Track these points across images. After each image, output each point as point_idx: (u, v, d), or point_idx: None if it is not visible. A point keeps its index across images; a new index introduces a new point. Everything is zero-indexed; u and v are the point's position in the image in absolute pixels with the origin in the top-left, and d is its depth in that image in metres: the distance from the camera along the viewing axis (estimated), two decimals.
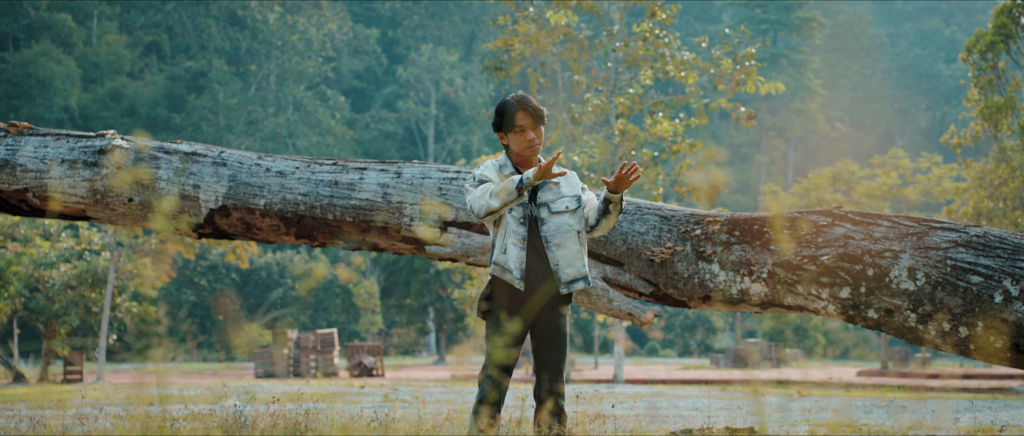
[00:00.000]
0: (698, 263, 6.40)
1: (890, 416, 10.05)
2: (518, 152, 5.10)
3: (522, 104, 5.05)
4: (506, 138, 5.11)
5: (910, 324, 5.87)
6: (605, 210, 5.05)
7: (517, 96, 5.10)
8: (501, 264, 5.02)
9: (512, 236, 5.02)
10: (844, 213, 6.20)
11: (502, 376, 4.88)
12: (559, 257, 5.04)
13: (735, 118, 23.23)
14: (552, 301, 5.02)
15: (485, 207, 4.93)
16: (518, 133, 5.06)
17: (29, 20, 59.13)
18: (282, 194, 6.81)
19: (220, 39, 65.19)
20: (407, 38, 74.72)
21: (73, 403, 10.77)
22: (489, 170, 5.10)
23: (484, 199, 4.93)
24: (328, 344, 29.29)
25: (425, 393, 14.91)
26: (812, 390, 18.58)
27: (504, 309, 4.96)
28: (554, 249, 5.03)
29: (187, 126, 60.15)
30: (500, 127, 5.10)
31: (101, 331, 26.24)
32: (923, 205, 38.41)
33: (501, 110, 5.09)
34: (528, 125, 5.06)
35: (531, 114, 5.05)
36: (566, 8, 23.30)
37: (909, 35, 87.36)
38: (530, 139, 5.06)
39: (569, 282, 5.04)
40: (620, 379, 22.75)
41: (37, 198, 6.97)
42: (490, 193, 4.92)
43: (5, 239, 26.50)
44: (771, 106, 77.97)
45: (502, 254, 5.03)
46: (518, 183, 4.86)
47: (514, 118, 5.05)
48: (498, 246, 5.05)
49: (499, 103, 5.14)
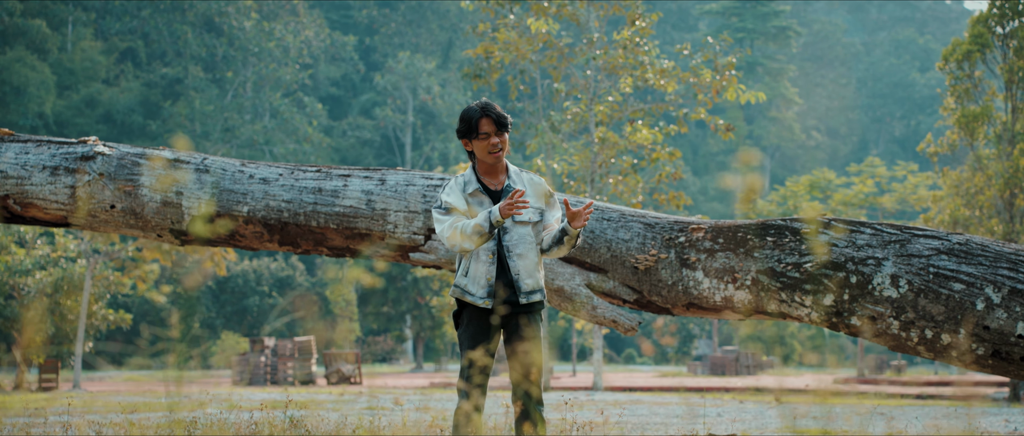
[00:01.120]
0: (682, 270, 6.41)
1: (871, 423, 10.10)
2: (482, 159, 5.12)
3: (486, 111, 5.09)
4: (470, 145, 5.13)
5: (893, 331, 5.90)
6: (560, 239, 5.09)
7: (481, 103, 5.15)
8: (461, 287, 5.08)
9: (482, 252, 5.06)
10: (828, 220, 6.23)
11: (478, 384, 4.94)
12: (520, 267, 5.07)
13: (714, 129, 23.30)
14: (517, 311, 5.06)
15: (458, 247, 4.99)
16: (482, 139, 5.07)
17: (3, 26, 58.67)
18: (266, 201, 6.78)
19: (196, 46, 64.90)
20: (384, 45, 74.63)
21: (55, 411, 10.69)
22: (453, 195, 5.11)
23: (457, 239, 4.97)
24: (306, 352, 29.17)
25: (405, 400, 14.88)
26: (790, 397, 18.65)
27: (473, 323, 5.03)
28: (516, 259, 5.07)
29: (163, 133, 59.81)
30: (465, 134, 5.12)
31: (77, 339, 26.04)
32: (899, 213, 38.66)
33: (465, 117, 5.11)
34: (491, 131, 5.08)
35: (494, 121, 5.08)
36: (546, 16, 23.33)
37: (884, 44, 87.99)
38: (494, 144, 5.08)
39: (528, 293, 5.08)
40: (600, 387, 22.77)
41: (18, 205, 6.91)
42: (460, 232, 4.95)
43: None
44: (748, 114, 78.35)
45: (463, 276, 5.09)
46: (488, 226, 4.92)
47: (478, 125, 5.08)
48: (461, 267, 5.10)
49: (463, 110, 5.17)
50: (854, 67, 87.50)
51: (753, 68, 74.95)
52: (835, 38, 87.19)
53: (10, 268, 26.09)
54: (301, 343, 29.22)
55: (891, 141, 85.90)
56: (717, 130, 23.23)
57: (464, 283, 5.06)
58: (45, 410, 12.00)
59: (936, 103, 79.91)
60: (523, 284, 5.07)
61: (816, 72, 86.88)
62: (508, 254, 5.07)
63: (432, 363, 48.92)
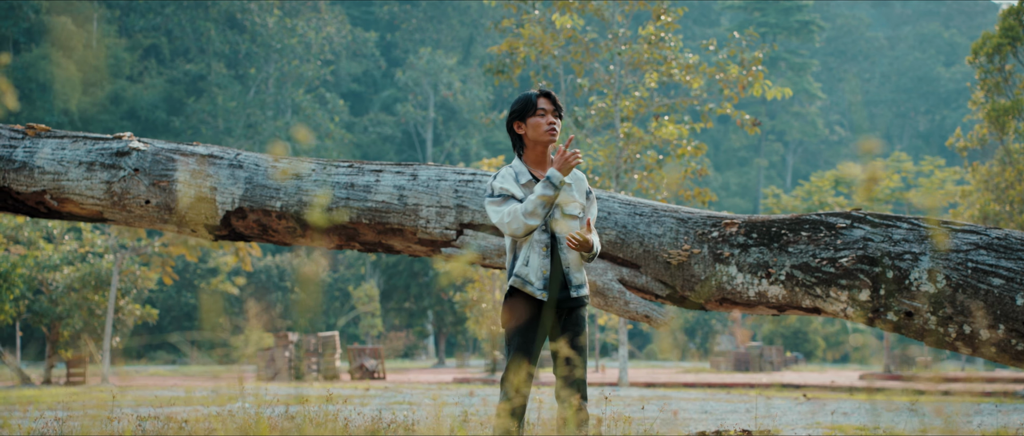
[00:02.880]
0: (715, 265, 6.39)
1: (902, 419, 10.05)
2: (536, 139, 5.05)
3: (546, 92, 5.08)
4: (524, 126, 5.06)
5: (930, 327, 5.86)
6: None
7: (541, 88, 5.12)
8: (523, 276, 4.97)
9: (536, 245, 4.98)
10: (863, 215, 6.19)
11: (525, 381, 4.86)
12: (570, 261, 5.02)
13: (739, 124, 23.20)
14: (568, 306, 5.01)
15: (523, 227, 4.87)
16: (539, 116, 5.03)
17: (29, 23, 59.06)
18: (298, 196, 6.79)
19: (219, 42, 65.14)
20: (405, 41, 74.71)
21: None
22: (507, 182, 5.02)
23: (519, 220, 4.87)
24: (329, 347, 29.25)
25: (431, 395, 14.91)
26: (817, 393, 18.58)
27: (526, 317, 4.93)
28: (565, 253, 5.01)
29: (186, 129, 60.10)
30: (521, 113, 5.06)
31: (105, 333, 26.20)
32: (926, 209, 38.42)
33: (522, 98, 5.08)
34: (549, 109, 5.05)
35: (552, 101, 5.07)
36: (571, 11, 23.28)
37: (908, 38, 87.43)
38: (551, 122, 5.02)
39: (578, 286, 5.03)
40: (625, 382, 22.75)
41: (54, 200, 6.95)
42: (523, 212, 4.86)
43: (9, 242, 26.47)
44: (770, 109, 78.02)
45: (524, 266, 4.98)
46: (553, 188, 4.83)
47: (536, 101, 5.04)
48: (521, 256, 4.99)
49: (521, 95, 5.14)
50: (878, 62, 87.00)
51: (776, 63, 74.62)
52: (859, 33, 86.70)
53: (38, 263, 26.27)
54: (325, 338, 29.29)
55: (915, 136, 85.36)
56: (743, 125, 23.13)
57: (525, 272, 4.95)
58: (78, 404, 12.08)
59: (962, 97, 79.37)
60: (573, 278, 5.02)
61: (839, 67, 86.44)
62: (559, 247, 5.00)
63: (454, 359, 48.99)
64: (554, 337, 5.00)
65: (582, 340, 5.00)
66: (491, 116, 34.69)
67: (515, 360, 4.88)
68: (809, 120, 78.21)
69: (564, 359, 4.95)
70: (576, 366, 4.94)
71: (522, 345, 4.91)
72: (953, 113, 78.86)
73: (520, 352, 4.90)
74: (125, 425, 5.96)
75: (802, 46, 79.72)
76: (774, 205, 40.17)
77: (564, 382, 4.93)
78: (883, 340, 36.87)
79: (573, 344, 4.97)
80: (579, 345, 4.98)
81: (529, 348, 4.90)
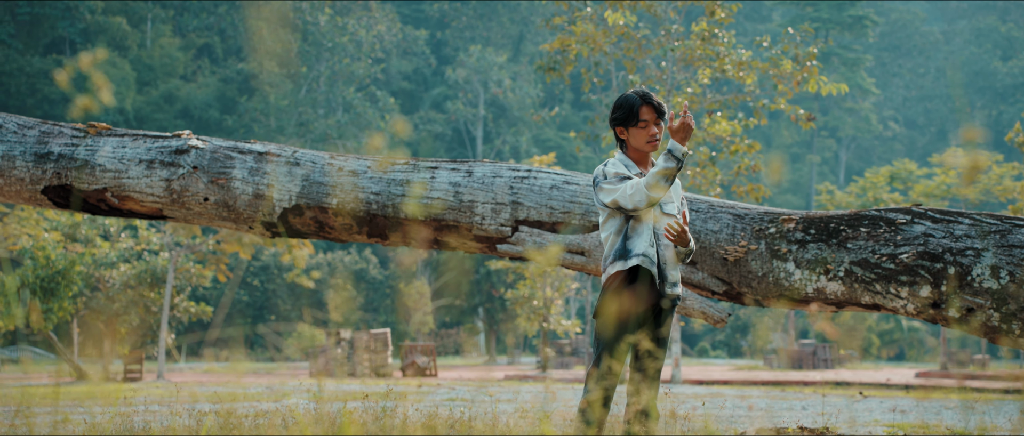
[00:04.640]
0: (773, 261, 6.33)
1: (962, 417, 9.91)
2: (637, 147, 4.99)
3: (646, 99, 4.96)
4: (626, 133, 4.99)
5: (993, 323, 5.78)
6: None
7: (640, 91, 5.01)
8: (650, 256, 4.87)
9: (645, 231, 4.89)
10: (923, 210, 6.12)
11: (615, 376, 4.76)
12: (668, 258, 4.96)
13: (794, 119, 23.00)
14: (664, 302, 4.94)
15: (645, 198, 4.74)
16: (641, 128, 4.94)
17: (85, 24, 60.03)
18: (355, 193, 6.83)
19: (271, 41, 65.75)
20: (455, 39, 74.89)
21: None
22: (620, 167, 4.92)
23: (642, 192, 4.75)
24: (382, 344, 29.40)
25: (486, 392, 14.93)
26: (874, 391, 18.38)
27: (631, 307, 4.80)
28: (664, 248, 4.94)
29: (239, 128, 60.73)
30: (622, 122, 4.97)
31: (161, 330, 26.55)
32: (983, 204, 37.82)
33: (625, 104, 4.96)
34: (651, 120, 4.96)
35: (655, 108, 4.96)
36: (623, 8, 23.20)
37: (964, 33, 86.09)
38: (652, 134, 4.95)
39: (673, 284, 4.97)
40: (678, 379, 22.66)
41: (115, 197, 7.05)
42: (646, 184, 4.74)
43: (66, 240, 26.90)
44: (823, 105, 77.24)
45: (650, 247, 4.88)
46: (676, 161, 4.70)
47: (639, 113, 4.94)
48: (643, 236, 4.87)
49: (620, 97, 5.03)
50: (933, 56, 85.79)
51: (828, 58, 73.85)
52: (913, 27, 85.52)
53: (96, 261, 26.68)
54: (377, 335, 29.46)
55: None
56: (797, 120, 22.94)
57: (651, 253, 4.87)
58: (140, 400, 12.25)
59: (1020, 92, 78.05)
60: (669, 275, 4.96)
61: (893, 62, 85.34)
62: (659, 242, 4.93)
63: (504, 356, 49.05)
64: (634, 330, 4.86)
65: (667, 339, 4.92)
66: (541, 113, 34.64)
67: (609, 351, 4.75)
68: (863, 116, 77.33)
69: (645, 356, 4.85)
70: (654, 365, 4.86)
71: (621, 336, 4.79)
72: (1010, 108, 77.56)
73: (619, 343, 4.77)
74: (205, 421, 6.04)
75: (855, 41, 78.80)
76: (828, 201, 39.74)
77: (635, 379, 4.86)
78: (940, 337, 36.35)
79: (657, 341, 4.88)
80: (663, 343, 4.89)
81: (625, 342, 4.79)
